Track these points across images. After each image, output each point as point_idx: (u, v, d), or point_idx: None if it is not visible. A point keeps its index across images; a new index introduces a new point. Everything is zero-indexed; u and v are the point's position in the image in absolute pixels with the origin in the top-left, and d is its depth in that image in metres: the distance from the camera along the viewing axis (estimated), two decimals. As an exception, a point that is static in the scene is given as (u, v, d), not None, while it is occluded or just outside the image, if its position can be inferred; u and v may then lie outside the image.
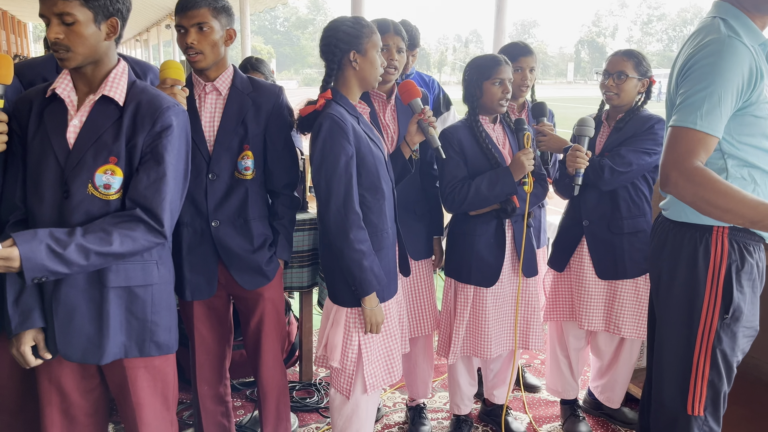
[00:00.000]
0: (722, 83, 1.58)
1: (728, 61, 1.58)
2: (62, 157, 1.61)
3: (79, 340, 1.66)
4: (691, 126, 1.60)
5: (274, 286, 2.18)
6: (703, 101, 1.59)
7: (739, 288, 1.71)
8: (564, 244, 2.69)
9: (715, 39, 1.62)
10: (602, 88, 2.57)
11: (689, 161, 1.59)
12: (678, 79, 1.71)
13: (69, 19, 1.53)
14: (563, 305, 2.75)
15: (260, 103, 2.07)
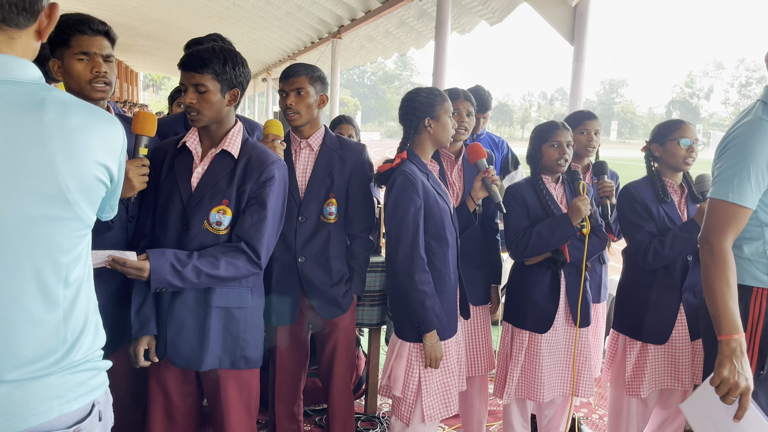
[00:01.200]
0: (752, 159, 1.77)
1: (757, 140, 1.77)
2: (186, 197, 2.00)
3: (184, 349, 2.01)
4: (723, 198, 1.80)
5: (347, 317, 2.48)
6: (734, 176, 1.79)
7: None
8: (665, 315, 2.59)
9: (749, 121, 1.82)
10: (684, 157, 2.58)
11: (722, 237, 1.79)
12: (716, 154, 1.90)
13: (202, 89, 1.93)
14: (660, 375, 2.65)
15: (345, 158, 2.42)
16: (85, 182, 1.17)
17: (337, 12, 8.90)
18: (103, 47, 1.97)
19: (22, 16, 1.13)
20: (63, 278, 1.18)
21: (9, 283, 1.11)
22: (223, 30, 12.04)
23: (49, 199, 1.12)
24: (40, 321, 1.15)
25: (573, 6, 5.47)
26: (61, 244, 1.16)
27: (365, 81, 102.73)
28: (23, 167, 1.10)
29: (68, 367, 1.19)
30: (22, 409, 1.13)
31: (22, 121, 1.10)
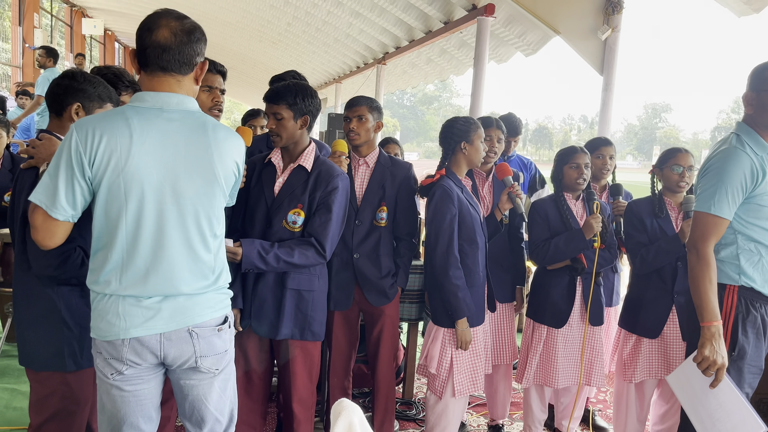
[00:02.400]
0: (728, 180, 2.23)
1: (731, 164, 2.23)
2: (269, 201, 2.53)
3: (264, 321, 2.53)
4: (706, 210, 2.26)
5: (393, 305, 2.97)
6: (714, 193, 2.25)
7: (744, 333, 2.26)
8: (657, 314, 2.99)
9: (725, 149, 2.30)
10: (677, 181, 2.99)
11: (706, 243, 2.26)
12: (698, 176, 2.37)
13: (279, 116, 2.48)
14: (653, 365, 3.02)
15: (395, 174, 2.93)
16: (227, 172, 1.84)
17: (382, 40, 9.52)
18: (221, 83, 2.54)
19: (184, 68, 1.78)
20: (214, 233, 1.84)
21: (186, 234, 1.78)
22: (274, 53, 12.88)
23: (210, 181, 1.80)
24: (202, 258, 1.82)
25: (603, 40, 5.92)
26: (214, 210, 1.83)
27: (405, 102, 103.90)
28: (197, 162, 1.77)
29: (215, 290, 1.87)
30: (192, 312, 1.82)
31: (195, 136, 1.78)
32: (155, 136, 1.72)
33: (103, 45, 19.78)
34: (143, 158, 1.70)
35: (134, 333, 1.75)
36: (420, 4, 7.36)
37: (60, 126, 2.12)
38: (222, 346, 1.90)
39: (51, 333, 2.05)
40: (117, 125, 1.70)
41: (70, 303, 2.06)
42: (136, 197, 1.71)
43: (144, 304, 1.76)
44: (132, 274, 1.74)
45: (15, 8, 12.89)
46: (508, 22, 6.34)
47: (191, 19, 1.81)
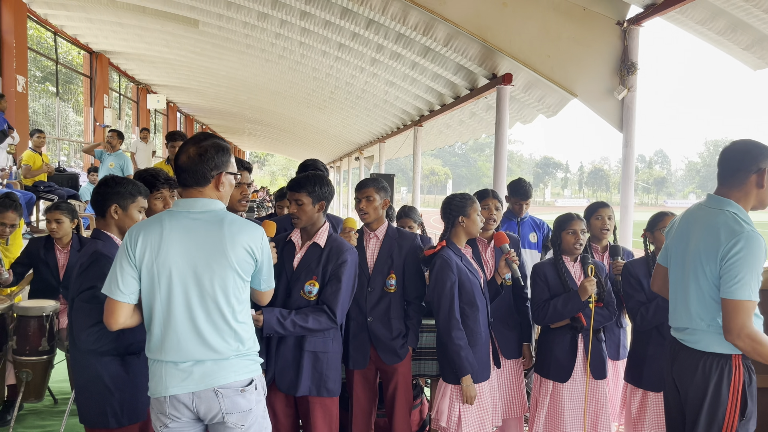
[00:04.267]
0: (758, 265, 2.36)
1: (757, 249, 2.35)
2: (289, 274, 2.95)
3: (286, 378, 2.91)
4: (748, 299, 2.32)
5: (405, 363, 3.30)
6: (750, 280, 2.32)
7: (751, 398, 2.44)
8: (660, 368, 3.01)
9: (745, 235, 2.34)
10: None
11: (749, 325, 2.32)
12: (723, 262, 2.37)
13: (300, 202, 2.91)
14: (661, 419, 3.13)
15: (402, 245, 3.31)
16: (239, 257, 2.19)
17: (417, 105, 10.08)
18: (248, 178, 3.02)
19: (201, 182, 2.23)
20: (232, 308, 2.19)
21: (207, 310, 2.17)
22: (320, 117, 13.73)
23: (223, 266, 2.17)
24: (224, 330, 2.18)
25: (620, 99, 6.21)
26: (230, 289, 2.18)
27: (456, 150, 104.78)
28: (213, 250, 2.17)
29: (239, 356, 2.21)
30: (217, 375, 2.17)
31: (212, 230, 2.19)
32: (180, 232, 2.17)
33: (166, 116, 21.33)
34: (170, 250, 2.15)
35: (172, 391, 2.15)
36: (446, 74, 7.88)
37: (105, 224, 2.61)
38: (246, 405, 2.20)
39: (97, 396, 2.48)
40: (153, 226, 2.19)
41: (111, 371, 2.48)
42: (166, 280, 2.15)
43: (180, 368, 2.16)
44: (169, 343, 2.16)
45: (86, 89, 14.26)
46: (527, 87, 6.74)
47: (211, 140, 2.24)
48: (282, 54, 10.32)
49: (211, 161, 2.20)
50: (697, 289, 2.47)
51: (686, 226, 2.61)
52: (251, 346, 2.26)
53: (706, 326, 2.46)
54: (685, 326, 2.53)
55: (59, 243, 4.16)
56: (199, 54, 12.15)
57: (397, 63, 8.46)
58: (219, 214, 2.22)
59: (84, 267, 2.45)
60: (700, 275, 2.45)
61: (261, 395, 2.29)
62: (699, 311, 2.47)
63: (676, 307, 2.61)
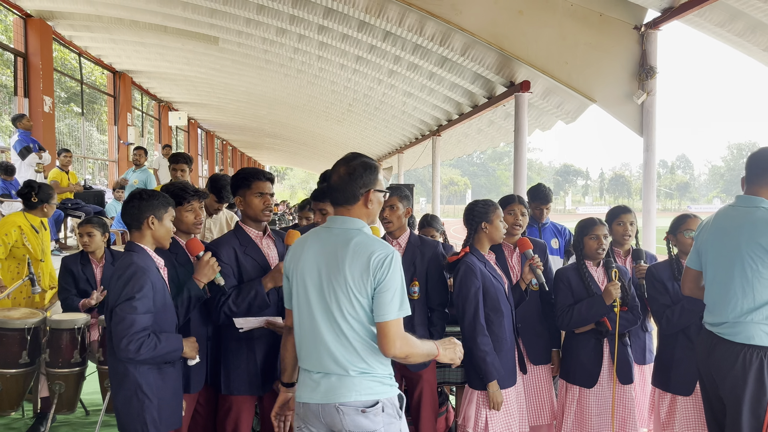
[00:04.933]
0: None
1: None
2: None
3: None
4: None
5: (429, 370, 3.32)
6: None
7: None
8: (688, 371, 3.16)
9: None
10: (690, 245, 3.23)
11: None
12: None
13: (324, 212, 2.96)
14: (690, 422, 3.19)
15: (424, 252, 3.34)
16: (354, 277, 2.12)
17: (435, 114, 10.13)
18: (270, 189, 3.07)
19: (350, 201, 2.25)
20: (351, 327, 2.14)
21: (331, 325, 2.15)
22: (339, 129, 13.85)
23: (341, 283, 2.13)
24: (347, 346, 2.14)
25: (639, 104, 6.19)
26: (347, 309, 2.13)
27: (474, 159, 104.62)
28: (335, 267, 2.14)
29: (364, 376, 2.15)
30: (339, 391, 2.13)
31: (340, 247, 2.17)
32: (316, 246, 2.24)
33: (187, 132, 21.67)
34: (306, 263, 2.23)
35: (304, 399, 2.20)
36: (464, 84, 7.92)
37: (140, 236, 2.66)
38: (369, 426, 2.13)
39: (136, 405, 2.53)
40: (302, 239, 2.34)
41: (149, 379, 2.54)
42: (303, 291, 2.22)
43: (312, 378, 2.20)
44: (304, 352, 2.23)
45: (110, 108, 14.57)
46: (545, 94, 6.75)
47: (359, 160, 2.27)
48: (300, 68, 10.47)
49: (359, 179, 2.23)
50: (743, 283, 2.60)
51: (721, 226, 2.71)
52: (378, 368, 2.18)
53: (749, 319, 2.58)
54: (724, 320, 2.63)
55: (93, 257, 4.26)
56: (219, 71, 12.36)
57: (415, 74, 8.53)
58: (351, 232, 2.22)
59: (122, 278, 2.51)
60: (747, 268, 2.60)
61: (393, 419, 2.19)
62: (743, 304, 2.60)
63: (716, 303, 2.72)
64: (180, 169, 4.66)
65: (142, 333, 2.46)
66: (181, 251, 2.97)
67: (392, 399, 2.21)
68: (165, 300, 2.63)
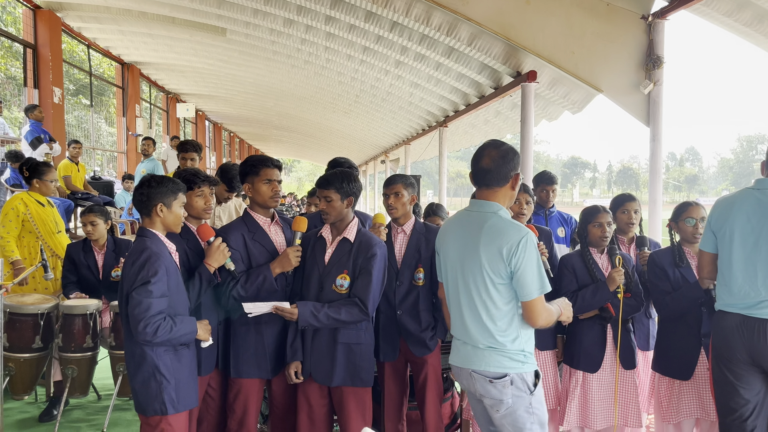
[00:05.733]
0: None
1: None
2: (321, 269, 3.04)
3: (321, 369, 3.00)
4: None
5: (434, 355, 3.37)
6: None
7: None
8: (687, 356, 3.22)
9: None
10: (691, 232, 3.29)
11: None
12: None
13: (328, 199, 3.00)
14: (689, 406, 3.25)
15: (429, 239, 3.38)
16: (490, 257, 2.36)
17: (442, 105, 10.14)
18: (278, 176, 3.11)
19: (500, 183, 2.45)
20: (485, 306, 2.40)
21: (470, 301, 2.43)
22: (346, 121, 13.86)
23: (478, 263, 2.39)
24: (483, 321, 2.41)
25: (646, 94, 6.19)
26: (483, 286, 2.39)
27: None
28: (471, 248, 2.42)
29: (496, 351, 2.40)
30: (473, 360, 2.43)
31: (476, 229, 2.42)
32: (457, 228, 2.50)
33: (194, 124, 21.74)
34: (449, 243, 2.51)
35: (451, 360, 2.56)
36: (470, 74, 7.93)
37: (151, 223, 2.72)
38: (498, 395, 2.39)
39: (154, 386, 2.60)
40: (449, 221, 2.60)
41: (166, 361, 2.61)
42: (448, 267, 2.53)
43: (455, 343, 2.55)
44: (452, 321, 2.57)
45: (119, 100, 14.65)
46: (552, 84, 6.75)
47: (507, 145, 2.47)
48: (308, 59, 10.49)
49: (511, 162, 2.43)
50: None
51: (742, 209, 2.75)
52: (507, 345, 2.40)
53: None
54: (762, 299, 2.65)
55: (96, 245, 4.33)
56: (226, 62, 12.40)
57: (422, 64, 8.54)
58: (487, 215, 2.43)
59: (136, 263, 2.57)
60: None
61: (522, 393, 2.40)
62: None
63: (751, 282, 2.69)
64: (189, 157, 4.73)
65: (158, 316, 2.52)
66: (192, 237, 3.02)
67: (523, 375, 2.41)
68: (178, 284, 2.69)
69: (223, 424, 3.17)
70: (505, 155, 2.42)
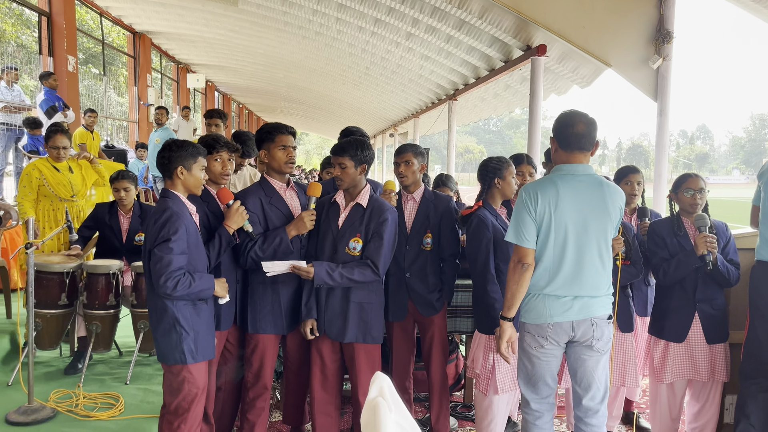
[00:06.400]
0: None
1: None
2: (335, 232, 3.20)
3: (335, 326, 3.18)
4: None
5: (440, 316, 3.54)
6: None
7: None
8: (682, 320, 3.38)
9: None
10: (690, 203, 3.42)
11: None
12: None
13: (343, 166, 3.14)
14: (681, 367, 3.42)
15: (438, 206, 3.53)
16: (615, 212, 2.75)
17: (452, 78, 10.17)
18: (293, 142, 3.26)
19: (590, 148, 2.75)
20: (602, 256, 2.73)
21: (592, 257, 2.71)
22: (356, 93, 13.90)
23: (605, 220, 2.72)
24: (600, 273, 2.74)
25: (655, 68, 6.25)
26: (607, 240, 2.74)
27: (491, 127, 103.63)
28: (598, 207, 2.72)
29: (605, 295, 2.77)
30: (593, 308, 2.73)
31: (596, 190, 2.73)
32: (571, 192, 2.69)
33: (204, 95, 21.81)
34: (565, 208, 2.67)
35: (556, 319, 2.72)
36: (481, 47, 7.97)
37: (172, 185, 2.87)
38: (609, 334, 2.78)
39: (174, 337, 2.79)
40: (548, 187, 2.70)
41: (185, 314, 2.79)
42: (563, 231, 2.68)
43: (561, 301, 2.72)
44: (556, 282, 2.72)
45: (130, 69, 14.74)
46: (561, 58, 6.80)
47: (590, 115, 2.74)
48: (319, 30, 10.52)
49: (596, 129, 2.75)
50: None
51: None
52: (610, 289, 2.80)
53: None
54: None
55: (123, 209, 4.51)
56: (237, 32, 12.44)
57: (433, 37, 8.58)
58: (597, 177, 2.77)
59: (158, 222, 2.74)
60: None
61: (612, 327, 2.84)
62: None
63: None
64: (214, 123, 4.86)
65: (178, 272, 2.69)
66: (213, 200, 3.18)
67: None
68: (197, 243, 2.85)
69: (241, 377, 3.37)
70: (594, 122, 2.72)
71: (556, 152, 2.81)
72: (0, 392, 3.88)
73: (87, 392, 3.84)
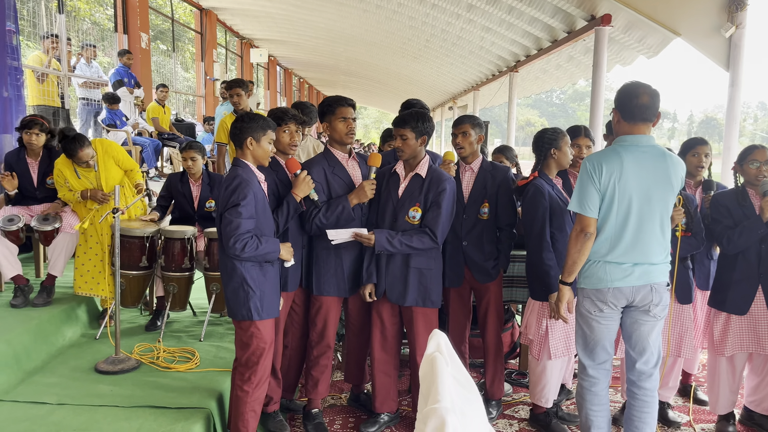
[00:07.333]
0: None
1: None
2: (395, 201, 3.34)
3: (395, 291, 3.34)
4: None
5: (496, 284, 3.65)
6: None
7: None
8: (745, 293, 3.39)
9: None
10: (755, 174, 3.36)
11: None
12: None
13: (404, 137, 3.26)
14: (743, 340, 3.43)
15: (495, 176, 3.61)
16: (678, 182, 2.80)
17: (513, 50, 10.04)
18: (353, 114, 3.40)
19: (653, 119, 2.79)
20: (664, 225, 2.81)
21: (653, 226, 2.78)
22: (415, 66, 13.91)
23: (667, 190, 2.78)
24: (661, 241, 2.81)
25: (727, 37, 6.02)
26: (668, 209, 2.81)
27: (554, 100, 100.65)
28: (661, 177, 2.77)
29: (665, 262, 2.85)
30: (653, 275, 2.81)
31: (659, 161, 2.77)
32: (635, 163, 2.74)
33: (266, 69, 22.24)
34: (629, 178, 2.73)
35: (616, 284, 2.80)
36: (543, 18, 7.83)
37: (243, 154, 3.06)
38: (667, 300, 2.87)
39: (242, 295, 3.00)
40: (613, 158, 2.76)
41: (252, 275, 3.00)
42: (627, 201, 2.74)
43: (622, 267, 2.80)
44: (618, 250, 2.79)
45: (197, 45, 15.22)
46: (627, 28, 6.62)
47: (652, 86, 2.78)
48: (379, 3, 10.56)
49: (659, 101, 2.77)
50: None
51: None
52: (668, 257, 2.88)
53: None
54: None
55: (192, 177, 4.79)
56: (299, 7, 12.62)
57: (494, 8, 8.48)
58: (660, 148, 2.81)
59: (229, 188, 2.94)
60: None
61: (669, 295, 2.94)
62: None
63: None
64: (235, 93, 4.94)
65: (246, 234, 2.89)
66: (281, 169, 3.37)
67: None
68: (264, 208, 3.05)
69: (306, 336, 3.59)
70: (657, 93, 2.75)
71: (619, 123, 2.82)
72: (89, 345, 4.26)
73: (166, 347, 4.17)
